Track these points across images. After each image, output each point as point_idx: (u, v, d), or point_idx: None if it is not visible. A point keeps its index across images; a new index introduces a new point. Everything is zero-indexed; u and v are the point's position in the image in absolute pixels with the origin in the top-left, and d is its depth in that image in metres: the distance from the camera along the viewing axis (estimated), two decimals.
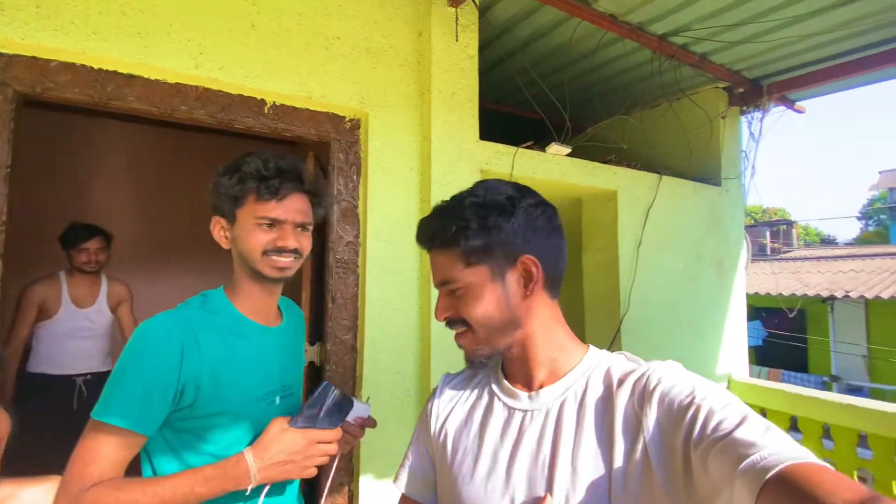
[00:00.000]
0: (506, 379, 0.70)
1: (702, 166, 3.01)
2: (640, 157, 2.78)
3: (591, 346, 0.69)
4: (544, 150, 2.18)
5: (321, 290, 1.87)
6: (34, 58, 1.33)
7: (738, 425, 0.48)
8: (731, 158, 3.10)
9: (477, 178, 1.95)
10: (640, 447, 0.55)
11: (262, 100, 1.68)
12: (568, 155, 2.27)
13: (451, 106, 1.90)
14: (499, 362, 0.74)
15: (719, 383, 2.93)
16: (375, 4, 1.86)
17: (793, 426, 2.71)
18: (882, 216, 25.24)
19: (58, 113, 3.33)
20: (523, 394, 0.66)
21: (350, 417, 0.92)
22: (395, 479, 0.80)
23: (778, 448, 0.44)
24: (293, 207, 0.91)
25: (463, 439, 0.70)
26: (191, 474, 0.79)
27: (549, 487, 0.58)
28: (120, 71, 1.43)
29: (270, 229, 0.89)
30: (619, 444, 0.56)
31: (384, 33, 1.87)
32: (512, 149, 2.05)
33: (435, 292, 1.87)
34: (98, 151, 3.83)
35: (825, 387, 7.91)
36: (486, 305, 0.64)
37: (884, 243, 19.15)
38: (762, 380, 3.25)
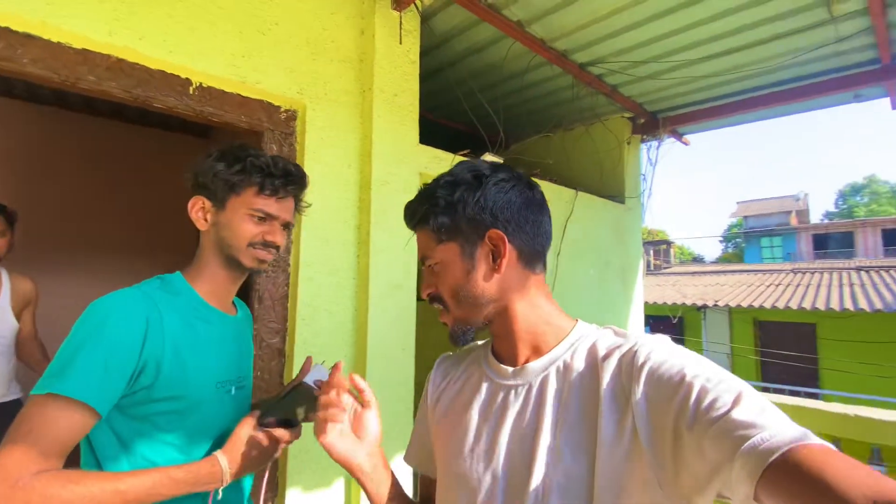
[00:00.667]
0: (494, 356, 0.71)
1: (610, 185, 3.34)
2: (560, 174, 3.01)
3: (580, 321, 0.68)
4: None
5: (246, 290, 1.73)
6: None
7: (734, 404, 0.46)
8: (633, 180, 3.49)
9: (417, 180, 1.96)
10: (628, 423, 0.54)
11: (188, 79, 1.53)
12: None
13: (392, 107, 1.90)
14: (489, 341, 0.75)
15: None
16: None
17: None
18: (738, 240, 29.99)
19: None
20: (508, 369, 0.66)
21: (310, 380, 0.94)
22: (404, 456, 0.84)
23: (779, 429, 0.42)
24: (287, 207, 0.94)
25: (453, 415, 0.71)
26: (156, 473, 0.74)
27: (531, 461, 0.58)
28: (14, 28, 1.21)
29: (261, 223, 0.90)
30: (604, 417, 0.55)
31: (325, 26, 1.82)
32: (450, 155, 2.10)
33: (374, 293, 1.83)
34: None
35: None
36: (456, 280, 0.65)
37: (740, 262, 22.71)
38: None
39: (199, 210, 0.92)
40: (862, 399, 6.07)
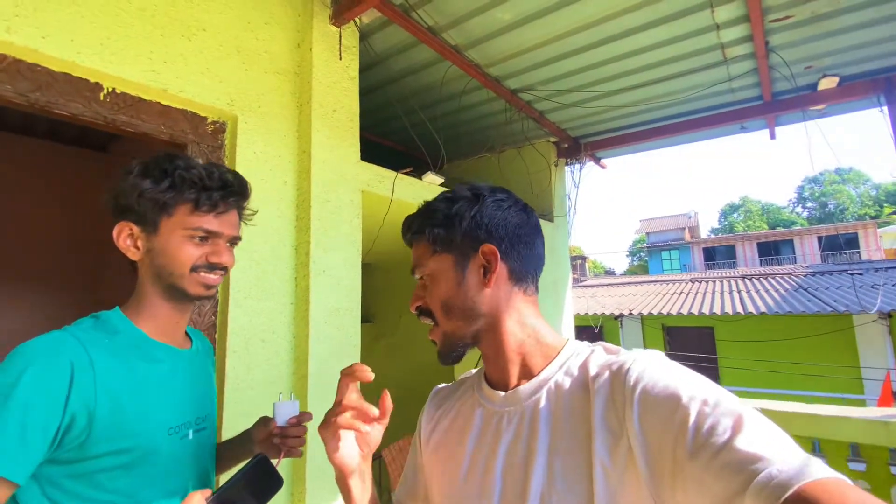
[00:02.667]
0: (487, 382, 0.69)
1: (541, 204, 3.51)
2: None
3: (570, 339, 0.66)
4: (420, 178, 2.26)
5: None
6: None
7: (736, 431, 0.44)
8: (560, 200, 3.70)
9: (358, 197, 1.90)
10: (622, 445, 0.52)
11: (98, 83, 1.36)
12: (441, 185, 2.39)
13: (332, 122, 1.84)
14: (483, 368, 0.72)
15: None
16: (249, 5, 1.70)
17: None
18: (642, 254, 33.03)
19: None
20: (500, 394, 0.64)
21: (281, 421, 0.88)
22: (394, 494, 0.80)
23: (789, 462, 0.41)
24: (230, 221, 0.84)
25: (447, 446, 0.69)
26: None
27: (524, 491, 0.56)
28: None
29: (203, 243, 0.81)
30: (597, 443, 0.53)
31: (258, 36, 1.72)
32: (392, 173, 2.06)
33: (315, 318, 1.72)
34: None
35: None
36: (447, 292, 0.64)
37: (645, 273, 24.95)
38: None
39: (126, 238, 0.81)
40: (757, 393, 6.86)
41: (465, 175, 2.98)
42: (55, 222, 3.49)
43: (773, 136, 2.96)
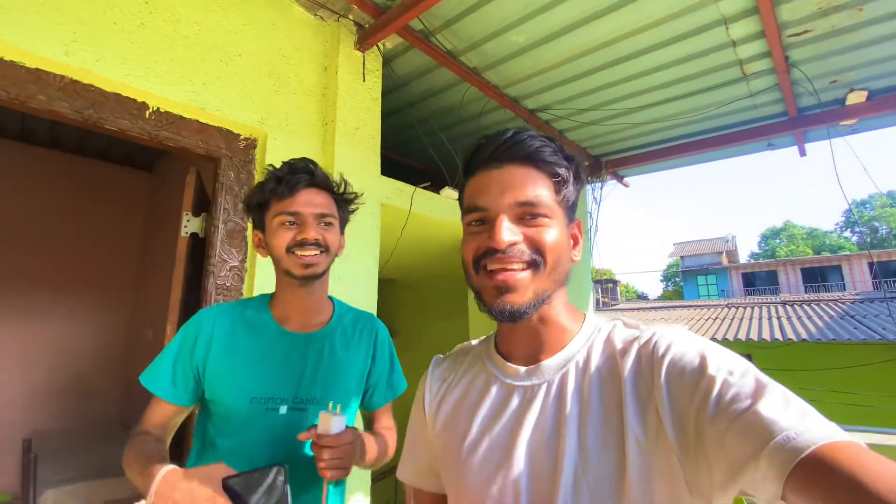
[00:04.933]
0: (500, 355, 0.65)
1: None
2: None
3: (588, 314, 0.65)
4: (438, 193, 2.34)
5: None
6: None
7: (757, 398, 0.44)
8: (580, 219, 3.69)
9: (378, 209, 1.99)
10: (651, 417, 0.51)
11: (144, 102, 1.51)
12: (457, 200, 2.46)
13: (354, 139, 1.95)
14: (489, 338, 0.71)
15: None
16: (282, 34, 1.86)
17: None
18: (677, 279, 31.93)
19: None
20: (521, 368, 0.61)
21: (334, 432, 0.82)
22: (397, 472, 0.76)
23: (807, 425, 0.41)
24: (309, 200, 0.94)
25: (459, 422, 0.64)
26: (142, 460, 0.79)
27: (556, 465, 0.53)
28: None
29: (292, 227, 0.93)
30: (629, 412, 0.52)
31: (289, 61, 1.87)
32: (411, 187, 2.15)
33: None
34: None
35: None
36: (563, 242, 0.59)
37: (680, 299, 24.06)
38: None
39: (257, 243, 0.99)
40: None
41: None
42: (105, 237, 3.77)
43: (802, 153, 2.89)
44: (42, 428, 3.31)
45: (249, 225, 1.25)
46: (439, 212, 2.30)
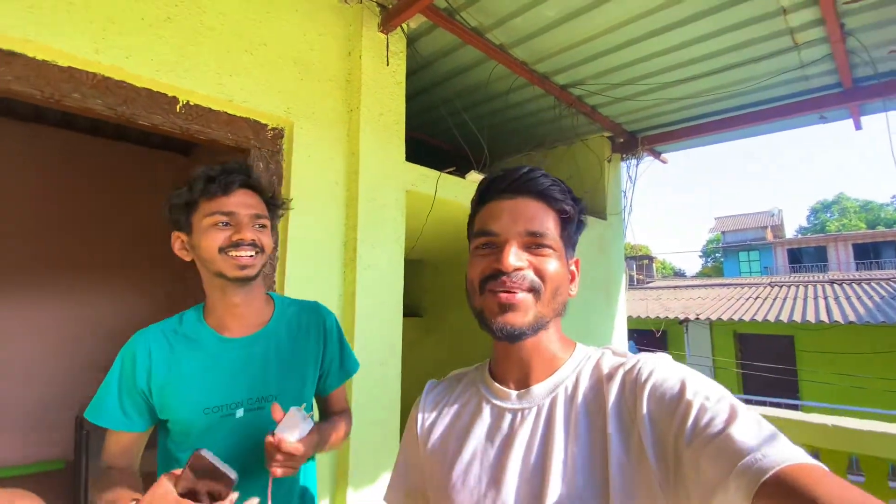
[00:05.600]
0: (494, 379, 0.68)
1: (592, 202, 3.42)
2: None
3: (579, 343, 0.68)
4: (464, 177, 2.31)
5: None
6: None
7: (730, 422, 0.47)
8: (614, 197, 3.57)
9: (403, 197, 1.98)
10: (634, 441, 0.54)
11: (174, 97, 1.54)
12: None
13: (379, 126, 1.93)
14: (485, 364, 0.73)
15: None
16: (305, 18, 1.84)
17: None
18: (717, 254, 30.71)
19: None
20: (512, 392, 0.64)
21: (293, 438, 0.82)
22: (385, 496, 0.76)
23: (774, 449, 0.43)
24: (242, 201, 0.91)
25: (452, 444, 0.67)
26: (113, 493, 0.81)
27: (543, 487, 0.55)
28: None
29: (226, 228, 0.89)
30: (613, 438, 0.55)
31: (313, 47, 1.85)
32: (436, 173, 2.13)
33: (360, 310, 1.81)
34: None
35: None
36: (560, 279, 0.63)
37: (720, 276, 23.19)
38: None
39: (179, 245, 0.94)
40: (841, 410, 6.20)
41: None
42: (145, 219, 3.94)
43: (857, 127, 2.66)
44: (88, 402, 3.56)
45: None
46: (465, 197, 2.27)
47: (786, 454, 0.42)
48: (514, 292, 0.60)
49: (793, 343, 8.61)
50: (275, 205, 1.00)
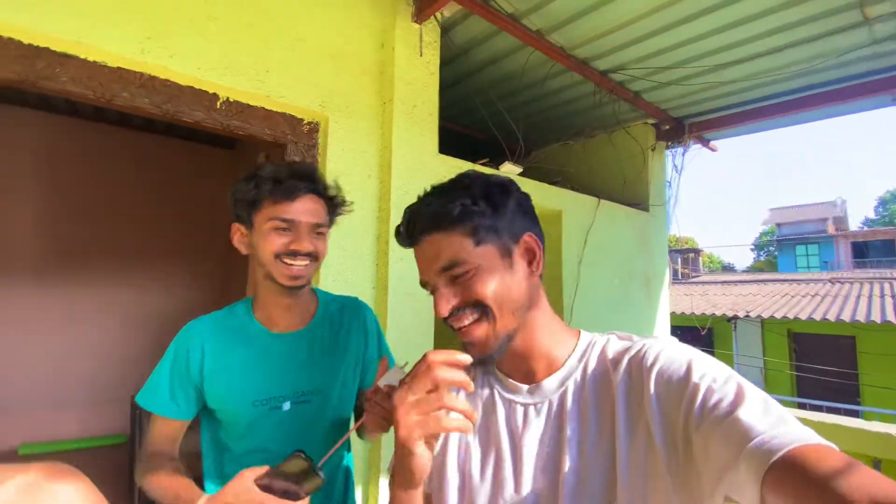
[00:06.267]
0: (501, 371, 0.68)
1: (633, 193, 3.28)
2: (581, 182, 2.98)
3: (582, 331, 0.67)
4: (497, 168, 2.27)
5: None
6: None
7: (738, 404, 0.47)
8: (657, 187, 3.41)
9: None
10: (641, 427, 0.54)
11: (215, 94, 1.59)
12: (519, 175, 2.37)
13: (412, 118, 1.92)
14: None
15: None
16: (341, 13, 1.84)
17: None
18: (771, 248, 28.92)
19: None
20: (523, 387, 0.65)
21: (384, 383, 0.82)
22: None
23: (783, 429, 0.43)
24: (306, 208, 0.91)
25: (469, 437, 0.67)
26: (173, 484, 0.84)
27: (558, 482, 0.57)
28: (53, 48, 1.28)
29: (285, 233, 0.90)
30: (620, 426, 0.55)
31: (348, 41, 1.86)
32: (469, 164, 2.10)
33: (392, 302, 1.82)
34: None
35: None
36: (502, 283, 0.60)
37: (774, 271, 21.86)
38: None
39: (238, 237, 0.96)
40: None
41: (546, 163, 2.90)
42: (196, 211, 4.15)
43: None
44: (143, 382, 3.81)
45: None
46: None
47: (796, 435, 0.42)
48: (468, 327, 0.61)
49: (854, 344, 7.98)
50: (336, 206, 1.02)
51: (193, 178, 4.14)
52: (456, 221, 0.60)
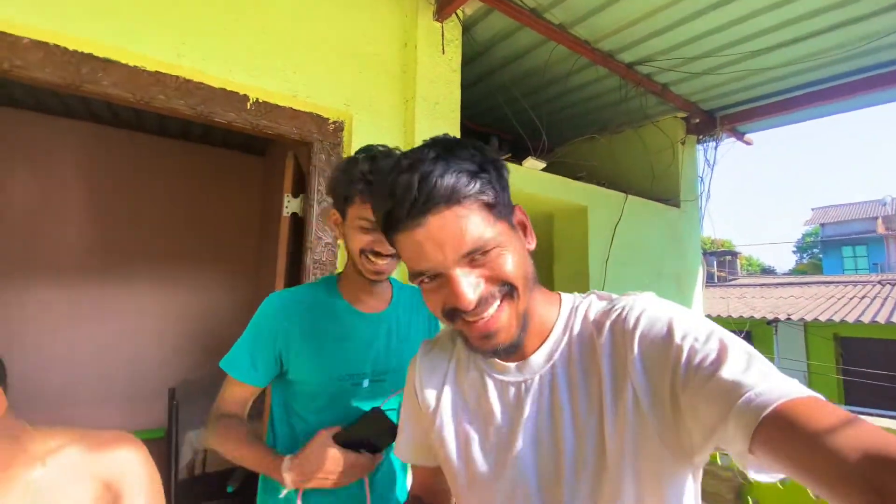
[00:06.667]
0: None
1: (663, 188, 3.19)
2: (608, 177, 2.92)
3: (562, 294, 0.64)
4: (520, 164, 2.25)
5: None
6: (4, 33, 1.25)
7: (722, 361, 0.47)
8: (688, 183, 3.31)
9: None
10: (629, 394, 0.53)
11: (245, 95, 1.65)
12: (542, 171, 2.35)
13: (434, 115, 1.94)
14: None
15: None
16: (364, 13, 1.88)
17: None
18: (815, 249, 27.50)
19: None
20: (511, 365, 0.62)
21: None
22: (394, 450, 0.79)
23: (768, 384, 0.43)
24: None
25: (460, 418, 0.66)
26: (253, 449, 0.91)
27: (557, 452, 0.57)
28: (96, 54, 1.37)
29: (370, 232, 0.93)
30: (607, 392, 0.54)
31: (370, 40, 1.90)
32: None
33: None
34: (45, 150, 3.61)
35: None
36: (522, 258, 0.56)
37: (819, 273, 20.77)
38: None
39: (333, 222, 1.03)
40: None
41: (569, 159, 2.86)
42: (230, 216, 4.31)
43: None
44: (188, 377, 3.99)
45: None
46: (522, 184, 2.22)
47: (782, 389, 0.43)
48: (490, 315, 0.55)
49: None
50: None
51: (226, 185, 4.31)
52: (474, 193, 0.52)
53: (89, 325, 3.68)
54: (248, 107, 1.67)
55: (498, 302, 0.55)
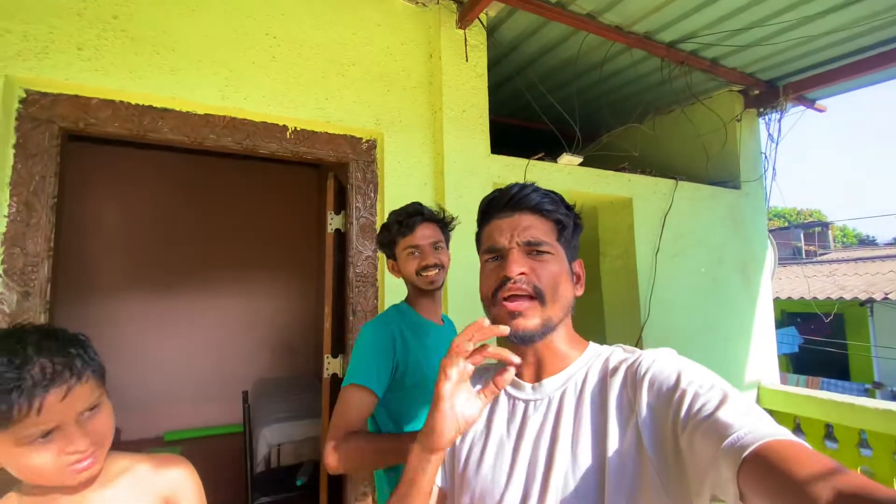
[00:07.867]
0: None
1: (719, 170, 2.98)
2: (654, 164, 2.78)
3: (591, 343, 0.73)
4: (556, 161, 2.22)
5: (342, 304, 1.94)
6: (77, 96, 1.46)
7: (719, 406, 0.50)
8: (750, 161, 3.06)
9: (489, 190, 1.99)
10: (632, 431, 0.57)
11: (284, 126, 1.78)
12: (580, 164, 2.30)
13: (461, 123, 1.97)
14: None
15: (748, 391, 2.85)
16: (387, 32, 1.95)
17: (828, 434, 2.61)
18: None
19: (80, 143, 3.60)
20: (527, 384, 0.70)
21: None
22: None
23: (755, 426, 0.46)
24: (424, 234, 1.22)
25: (471, 430, 0.72)
26: (394, 440, 1.06)
27: (548, 473, 0.60)
28: (154, 105, 1.55)
29: (416, 256, 1.21)
30: (612, 428, 0.59)
31: (396, 58, 1.96)
32: (523, 161, 2.09)
33: (451, 303, 1.87)
34: (129, 178, 4.09)
35: (867, 394, 7.49)
36: (562, 277, 0.69)
37: None
38: (794, 387, 3.15)
39: (391, 269, 1.28)
40: None
41: (612, 150, 2.75)
42: (297, 227, 4.67)
43: None
44: (263, 376, 4.36)
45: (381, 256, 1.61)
46: (558, 182, 2.19)
47: (767, 431, 0.45)
48: (521, 299, 0.66)
49: None
50: (446, 224, 1.30)
51: (291, 198, 4.69)
52: (553, 213, 0.71)
53: (177, 331, 4.18)
54: (288, 136, 1.80)
55: (529, 297, 0.66)
